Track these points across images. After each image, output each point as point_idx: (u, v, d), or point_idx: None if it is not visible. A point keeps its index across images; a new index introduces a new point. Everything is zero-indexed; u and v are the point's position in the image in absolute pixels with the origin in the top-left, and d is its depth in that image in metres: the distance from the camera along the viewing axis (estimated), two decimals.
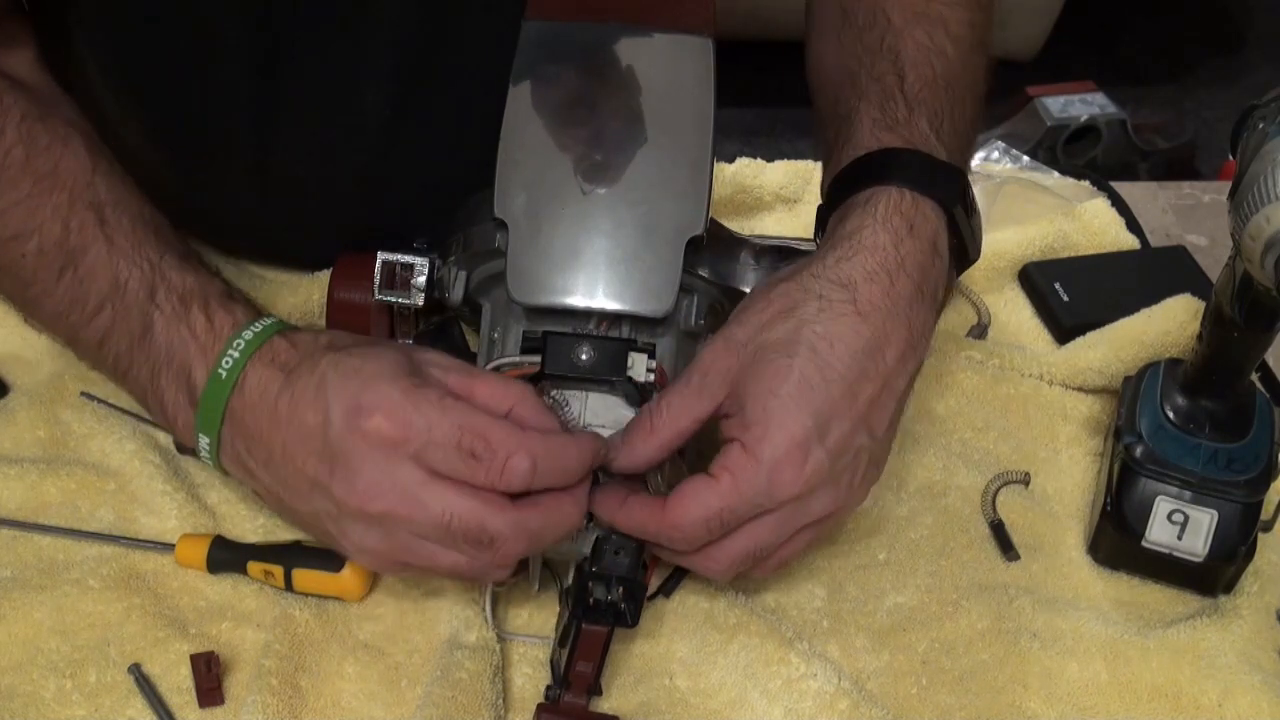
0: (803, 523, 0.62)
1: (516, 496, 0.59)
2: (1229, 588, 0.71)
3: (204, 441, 0.64)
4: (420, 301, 0.71)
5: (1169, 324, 0.83)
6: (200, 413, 0.64)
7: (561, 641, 0.64)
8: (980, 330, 0.88)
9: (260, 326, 0.64)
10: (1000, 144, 1.11)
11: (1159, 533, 0.70)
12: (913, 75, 0.69)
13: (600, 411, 0.65)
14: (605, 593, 0.62)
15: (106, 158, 0.72)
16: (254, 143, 0.76)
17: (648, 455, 0.62)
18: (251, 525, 0.71)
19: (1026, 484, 0.77)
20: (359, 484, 0.59)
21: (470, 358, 0.71)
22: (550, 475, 0.59)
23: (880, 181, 0.64)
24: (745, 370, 0.61)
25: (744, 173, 0.95)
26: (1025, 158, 1.09)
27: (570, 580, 0.64)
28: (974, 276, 0.90)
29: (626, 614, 0.62)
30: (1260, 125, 0.61)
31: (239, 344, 0.63)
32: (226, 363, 0.63)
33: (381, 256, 0.72)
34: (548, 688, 0.63)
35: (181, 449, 0.74)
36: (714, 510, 0.60)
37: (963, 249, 0.67)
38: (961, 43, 0.71)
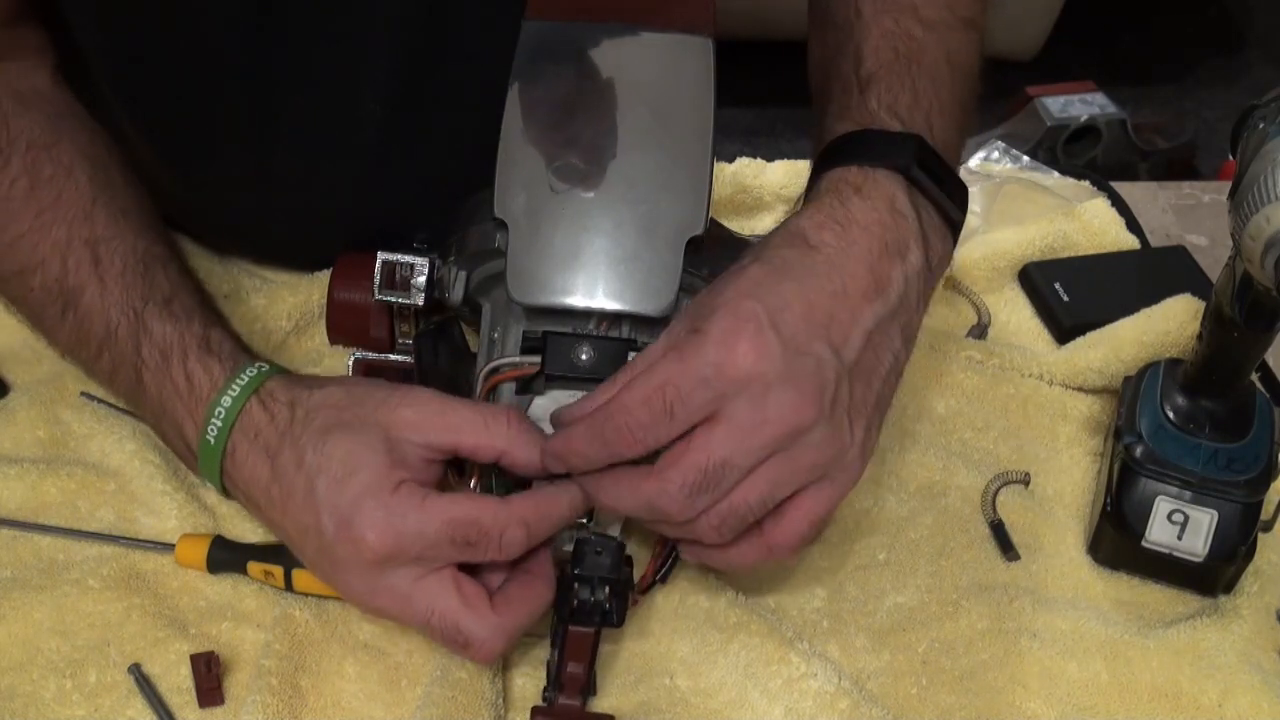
0: (763, 438, 0.57)
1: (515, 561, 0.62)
2: (1229, 588, 0.71)
3: (210, 484, 0.67)
4: (420, 301, 0.72)
5: (1169, 324, 0.83)
6: (200, 465, 0.66)
7: (554, 643, 0.64)
8: (980, 330, 0.88)
9: (236, 389, 0.65)
10: (1000, 144, 1.11)
11: (1159, 533, 0.70)
12: (870, 61, 0.69)
13: None
14: (590, 594, 0.62)
15: (109, 188, 0.72)
16: (254, 143, 0.76)
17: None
18: (251, 525, 0.71)
19: (1026, 484, 0.77)
20: (355, 586, 0.61)
21: (470, 358, 0.71)
22: (545, 530, 0.61)
23: (830, 166, 0.65)
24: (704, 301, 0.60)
25: (744, 173, 0.95)
26: (1025, 158, 1.09)
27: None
28: (974, 276, 0.90)
29: (612, 613, 0.62)
30: (1260, 125, 0.61)
31: (220, 412, 0.64)
32: (212, 430, 0.65)
33: (381, 256, 0.72)
34: (545, 690, 0.63)
35: None
36: (657, 383, 0.57)
37: (943, 212, 0.66)
38: (935, 26, 0.71)
